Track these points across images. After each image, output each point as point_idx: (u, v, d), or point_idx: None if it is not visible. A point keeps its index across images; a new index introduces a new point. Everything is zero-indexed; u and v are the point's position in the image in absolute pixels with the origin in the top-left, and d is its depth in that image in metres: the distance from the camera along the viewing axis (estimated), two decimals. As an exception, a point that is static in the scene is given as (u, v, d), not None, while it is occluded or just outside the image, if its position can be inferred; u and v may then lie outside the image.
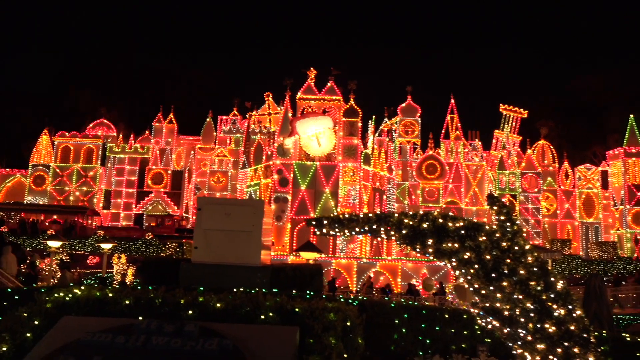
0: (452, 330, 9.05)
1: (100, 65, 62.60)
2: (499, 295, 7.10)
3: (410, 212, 7.69)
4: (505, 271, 7.10)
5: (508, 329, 7.16)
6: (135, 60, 66.17)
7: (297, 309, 5.96)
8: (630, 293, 24.54)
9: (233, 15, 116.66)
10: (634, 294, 24.38)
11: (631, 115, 46.26)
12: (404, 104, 43.72)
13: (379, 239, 9.59)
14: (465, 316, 9.10)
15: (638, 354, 8.99)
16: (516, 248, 7.22)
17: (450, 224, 7.35)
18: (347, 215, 7.76)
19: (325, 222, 7.72)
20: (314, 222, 7.84)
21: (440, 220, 7.37)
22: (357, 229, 7.58)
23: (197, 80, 67.63)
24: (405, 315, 8.92)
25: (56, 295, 6.27)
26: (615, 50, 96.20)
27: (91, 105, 57.34)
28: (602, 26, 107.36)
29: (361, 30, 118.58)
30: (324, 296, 8.58)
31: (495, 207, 7.57)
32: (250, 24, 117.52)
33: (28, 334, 5.61)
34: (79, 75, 61.52)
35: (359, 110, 31.87)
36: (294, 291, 8.19)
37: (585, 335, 6.90)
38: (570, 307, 7.01)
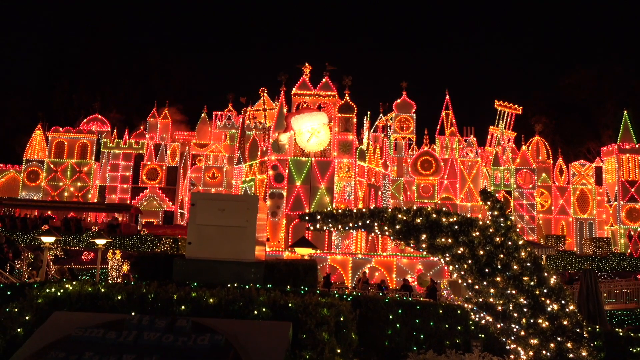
0: (446, 326, 9.06)
1: (91, 60, 62.10)
2: (492, 290, 7.11)
3: (404, 208, 7.68)
4: (499, 266, 7.11)
5: (501, 324, 7.18)
6: (128, 56, 65.76)
7: (290, 304, 5.94)
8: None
9: (227, 10, 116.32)
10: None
11: (625, 111, 46.39)
12: (399, 100, 43.71)
13: (373, 234, 9.59)
14: (459, 312, 9.10)
15: (631, 349, 9.03)
16: (509, 243, 7.23)
17: (443, 220, 7.35)
18: (340, 211, 7.75)
19: (318, 217, 7.71)
20: (307, 217, 7.83)
21: (434, 216, 7.37)
22: (350, 224, 7.58)
23: (191, 75, 67.36)
24: (400, 311, 8.92)
25: (47, 290, 6.22)
26: (609, 46, 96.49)
27: (84, 100, 57.02)
28: (596, 22, 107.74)
29: (356, 26, 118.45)
30: (317, 292, 8.56)
31: (488, 203, 7.58)
32: (246, 20, 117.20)
33: (19, 330, 5.57)
34: (71, 70, 61.06)
35: (354, 106, 31.84)
36: (287, 287, 8.17)
37: (578, 330, 6.93)
38: (563, 302, 7.03)
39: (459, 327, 9.06)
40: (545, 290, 7.02)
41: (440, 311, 9.17)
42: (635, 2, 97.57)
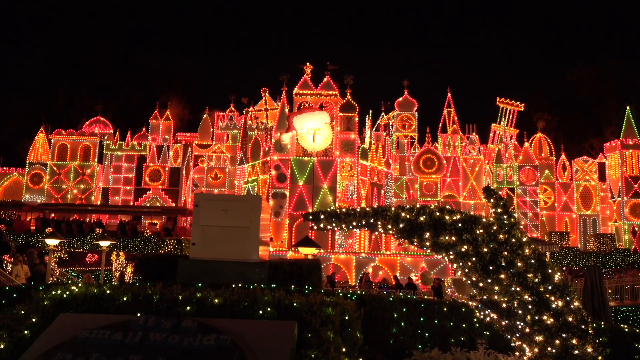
0: (451, 324, 9.07)
1: (93, 63, 62.20)
2: (496, 287, 7.11)
3: (407, 206, 7.68)
4: (503, 264, 7.11)
5: (506, 322, 7.18)
6: (130, 57, 65.93)
7: (295, 304, 5.95)
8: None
9: (227, 11, 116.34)
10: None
11: (627, 107, 46.25)
12: (400, 98, 43.66)
13: (376, 233, 9.59)
14: (463, 309, 9.11)
15: (636, 345, 9.02)
16: (513, 240, 7.23)
17: (447, 217, 7.35)
18: (344, 210, 7.75)
19: (322, 216, 7.72)
20: (311, 217, 7.84)
21: (437, 214, 7.37)
22: (354, 223, 7.58)
23: (192, 76, 67.40)
24: (404, 309, 8.93)
25: (53, 292, 6.25)
26: (611, 43, 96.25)
27: (86, 103, 57.14)
28: (598, 19, 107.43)
29: (357, 24, 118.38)
30: (322, 291, 8.57)
31: (491, 200, 7.57)
32: (246, 20, 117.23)
33: (26, 332, 5.60)
34: (73, 73, 61.16)
35: (356, 105, 31.83)
36: (292, 286, 8.19)
37: (583, 326, 6.92)
38: (567, 298, 7.03)
39: (464, 325, 9.07)
40: (549, 287, 7.01)
41: (445, 309, 9.18)
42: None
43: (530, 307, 6.93)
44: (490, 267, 7.12)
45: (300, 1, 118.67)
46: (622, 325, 10.59)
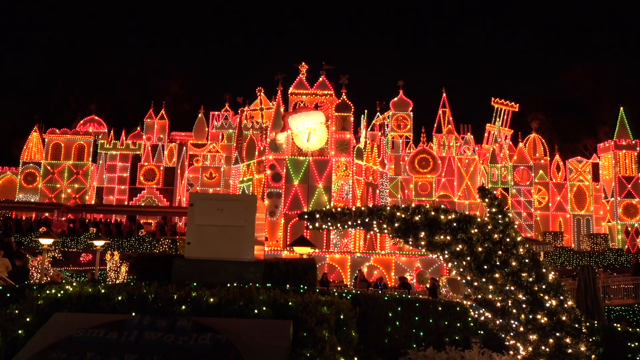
0: (446, 323, 9.10)
1: (88, 62, 61.94)
2: (491, 287, 7.15)
3: (403, 206, 7.70)
4: (497, 263, 7.15)
5: (500, 320, 7.22)
6: (125, 57, 65.72)
7: (290, 303, 5.96)
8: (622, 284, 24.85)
9: (222, 10, 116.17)
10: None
11: (621, 108, 46.53)
12: (396, 98, 43.72)
13: (371, 232, 9.62)
14: (458, 308, 9.15)
15: (629, 344, 9.09)
16: (508, 240, 7.27)
17: (442, 217, 7.38)
18: (339, 209, 7.77)
19: (317, 215, 7.73)
20: (306, 216, 7.85)
21: (432, 213, 7.40)
22: (349, 223, 7.60)
23: (187, 76, 67.22)
24: (399, 309, 8.95)
25: (48, 292, 6.23)
26: (605, 44, 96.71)
27: (81, 102, 56.91)
28: (593, 20, 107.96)
29: (352, 24, 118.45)
30: (317, 290, 8.57)
31: (486, 200, 7.61)
32: (241, 20, 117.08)
33: (20, 331, 5.57)
34: (67, 72, 60.89)
35: (351, 104, 31.84)
36: (287, 286, 8.19)
37: (576, 325, 6.97)
38: (561, 297, 7.07)
39: (458, 324, 9.10)
40: (543, 286, 7.06)
41: (440, 308, 9.21)
42: (631, 0, 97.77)
43: (524, 306, 6.97)
44: (485, 267, 7.15)
45: (296, 1, 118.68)
46: (615, 324, 10.66)
